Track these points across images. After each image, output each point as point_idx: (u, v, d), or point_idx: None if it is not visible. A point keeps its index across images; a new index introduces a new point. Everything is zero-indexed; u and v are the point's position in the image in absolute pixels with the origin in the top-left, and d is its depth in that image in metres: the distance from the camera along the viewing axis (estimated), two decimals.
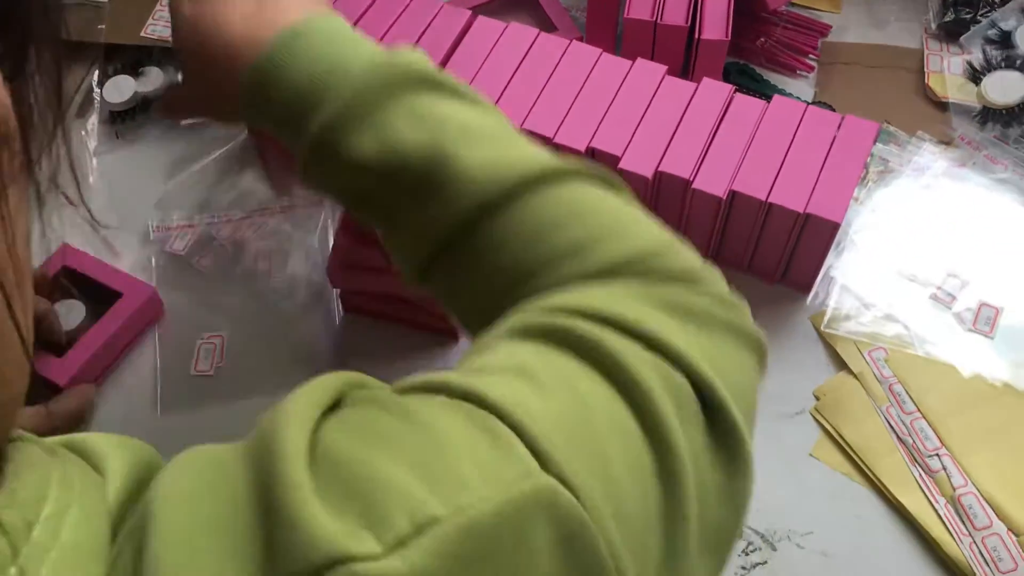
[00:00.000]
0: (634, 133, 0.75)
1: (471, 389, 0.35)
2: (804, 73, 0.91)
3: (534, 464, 0.32)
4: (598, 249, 0.45)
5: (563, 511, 0.32)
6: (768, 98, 0.87)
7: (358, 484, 0.31)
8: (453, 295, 0.50)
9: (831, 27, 0.94)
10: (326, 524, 0.29)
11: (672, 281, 0.44)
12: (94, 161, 0.87)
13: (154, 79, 0.89)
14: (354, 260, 0.71)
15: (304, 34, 0.50)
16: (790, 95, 0.88)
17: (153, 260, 0.81)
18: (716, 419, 0.39)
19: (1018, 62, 0.85)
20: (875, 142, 0.76)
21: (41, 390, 0.71)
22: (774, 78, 0.91)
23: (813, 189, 0.72)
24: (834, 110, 0.85)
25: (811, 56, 0.92)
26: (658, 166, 0.74)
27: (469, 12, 0.83)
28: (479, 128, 0.49)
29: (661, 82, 0.78)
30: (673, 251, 0.47)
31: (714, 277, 0.47)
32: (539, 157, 0.49)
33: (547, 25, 0.92)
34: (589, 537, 0.32)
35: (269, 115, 0.51)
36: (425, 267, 0.50)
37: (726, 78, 0.90)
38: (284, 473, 0.30)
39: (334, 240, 0.70)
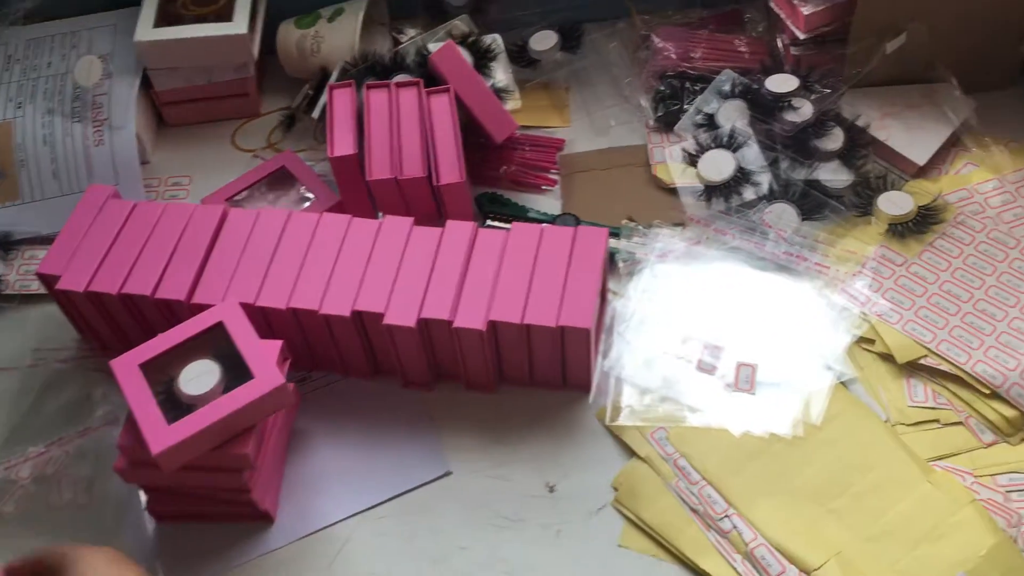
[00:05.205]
0: (393, 288, 0.80)
1: None
2: (549, 188, 0.99)
3: None
4: None
5: None
6: (525, 220, 0.95)
7: None
8: None
9: (564, 141, 1.03)
10: None
11: None
12: None
13: None
14: (140, 457, 0.72)
15: None
16: (539, 212, 0.96)
17: None
18: None
19: (724, 140, 0.95)
20: (608, 244, 0.83)
21: None
22: (524, 198, 0.98)
23: (561, 302, 0.78)
24: (579, 219, 0.93)
25: (552, 171, 1.00)
26: (419, 314, 0.79)
27: (222, 208, 0.87)
28: None
29: (410, 233, 0.84)
30: None
31: None
32: None
33: (304, 196, 0.97)
34: None
35: None
36: None
37: (480, 208, 0.97)
38: None
39: (119, 440, 0.72)
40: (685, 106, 1.00)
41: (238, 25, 1.01)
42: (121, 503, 0.80)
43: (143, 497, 0.79)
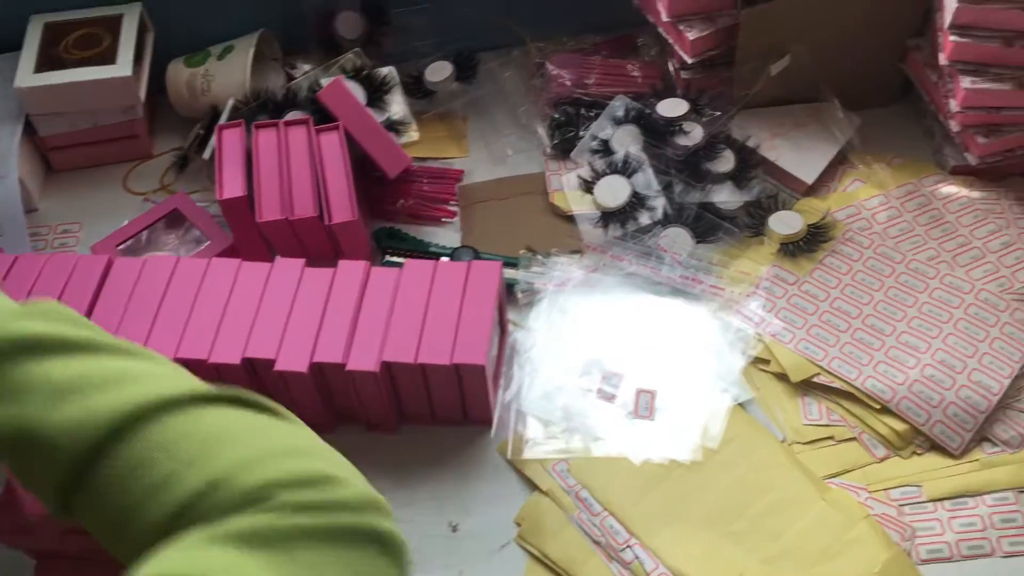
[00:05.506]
0: (284, 332, 0.79)
1: None
2: (448, 220, 0.98)
3: None
4: (181, 483, 0.45)
5: None
6: (423, 255, 0.95)
7: None
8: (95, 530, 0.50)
9: (463, 171, 1.02)
10: None
11: (284, 498, 0.45)
12: None
13: None
14: (18, 522, 0.69)
15: None
16: (438, 246, 0.95)
17: None
18: None
19: (619, 165, 0.95)
20: (502, 278, 0.83)
21: None
22: (423, 232, 0.98)
23: (455, 339, 0.78)
24: (478, 251, 0.93)
25: (452, 203, 1.00)
26: (312, 358, 0.77)
27: (107, 257, 0.85)
28: (75, 381, 0.49)
29: (302, 275, 0.83)
30: (293, 457, 0.47)
31: (345, 481, 0.47)
32: (137, 394, 0.48)
33: (199, 240, 0.95)
34: None
35: None
36: (62, 505, 0.49)
37: (379, 244, 0.96)
38: None
39: None
40: (581, 133, 1.01)
41: (122, 68, 0.99)
42: (8, 573, 0.77)
43: (32, 564, 0.77)
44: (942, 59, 0.87)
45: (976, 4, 0.82)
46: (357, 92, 1.00)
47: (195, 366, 0.79)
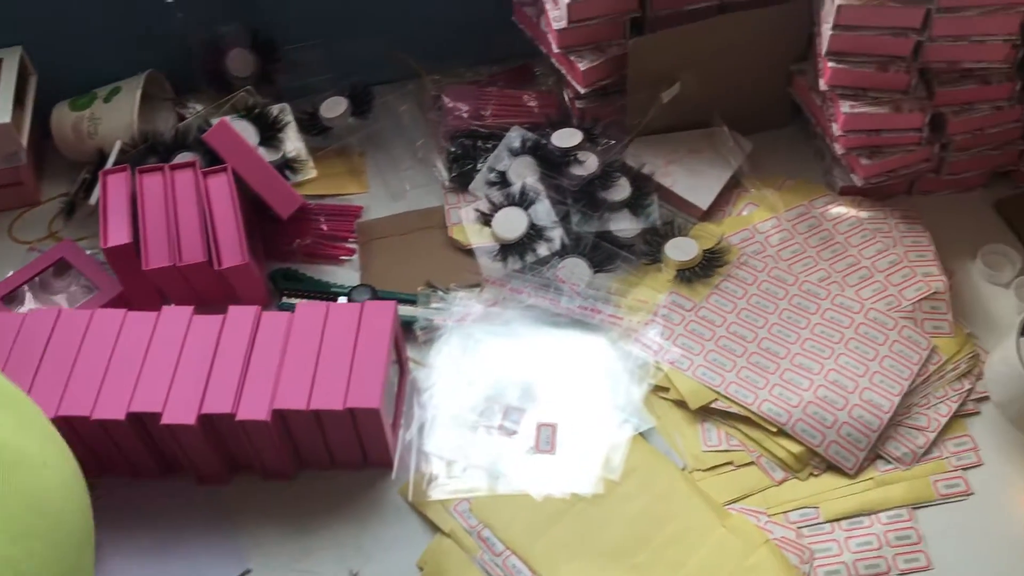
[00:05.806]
0: (171, 384, 0.77)
1: None
2: (347, 258, 0.97)
3: None
4: None
5: None
6: (321, 295, 0.93)
7: None
8: None
9: (362, 208, 1.01)
10: None
11: None
12: None
13: None
14: None
15: None
16: (336, 286, 0.93)
17: None
18: None
19: (516, 197, 0.95)
20: (396, 318, 0.81)
21: None
22: (322, 271, 0.96)
23: (348, 383, 0.76)
24: (375, 289, 0.91)
25: (351, 240, 0.98)
26: (200, 409, 0.75)
27: None
28: None
29: (190, 324, 0.81)
30: None
31: None
32: None
33: (91, 286, 0.92)
34: None
35: None
36: None
37: (275, 285, 0.94)
38: None
39: None
40: (478, 165, 1.00)
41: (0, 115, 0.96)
42: None
43: None
44: (822, 84, 0.89)
45: (850, 31, 0.84)
46: (249, 131, 0.98)
47: (78, 423, 0.77)
